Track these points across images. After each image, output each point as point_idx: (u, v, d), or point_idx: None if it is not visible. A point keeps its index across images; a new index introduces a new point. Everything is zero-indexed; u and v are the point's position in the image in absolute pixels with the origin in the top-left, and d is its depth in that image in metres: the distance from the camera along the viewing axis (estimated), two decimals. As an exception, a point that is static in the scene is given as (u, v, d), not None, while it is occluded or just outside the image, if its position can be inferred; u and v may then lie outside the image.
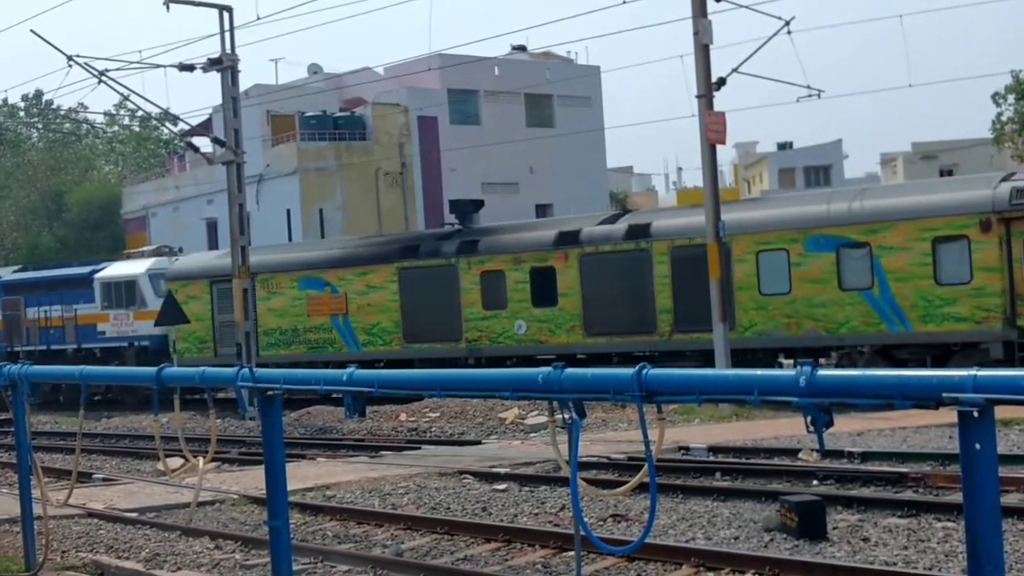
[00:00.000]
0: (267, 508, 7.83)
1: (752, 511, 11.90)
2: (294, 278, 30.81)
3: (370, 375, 6.94)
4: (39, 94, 74.06)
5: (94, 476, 18.49)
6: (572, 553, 9.90)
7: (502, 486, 14.50)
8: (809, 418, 4.98)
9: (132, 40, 67.56)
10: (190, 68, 26.50)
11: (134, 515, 13.53)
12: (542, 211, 49.26)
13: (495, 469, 15.62)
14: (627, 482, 7.37)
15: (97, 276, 35.65)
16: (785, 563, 9.31)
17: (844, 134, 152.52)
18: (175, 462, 16.34)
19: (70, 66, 25.90)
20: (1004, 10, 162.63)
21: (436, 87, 49.70)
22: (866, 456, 15.10)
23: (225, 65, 26.30)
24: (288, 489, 7.89)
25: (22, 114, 77.81)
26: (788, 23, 23.20)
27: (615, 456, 16.10)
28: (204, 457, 11.05)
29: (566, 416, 6.11)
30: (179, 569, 10.70)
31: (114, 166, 77.73)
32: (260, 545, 10.93)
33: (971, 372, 4.42)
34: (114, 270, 35.87)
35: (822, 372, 4.90)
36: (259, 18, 49.19)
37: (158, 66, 27.31)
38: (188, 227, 51.58)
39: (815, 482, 13.52)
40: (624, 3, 24.10)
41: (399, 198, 49.51)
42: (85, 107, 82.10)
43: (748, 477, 14.28)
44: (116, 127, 76.64)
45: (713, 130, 22.47)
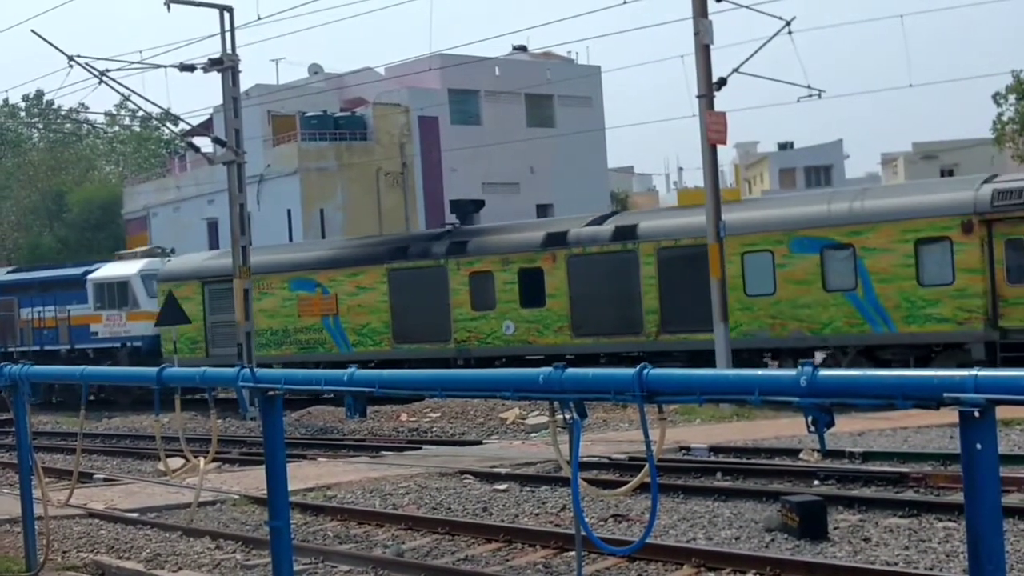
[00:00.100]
0: (268, 508, 7.83)
1: (753, 511, 11.90)
2: (285, 279, 30.85)
3: (371, 375, 6.94)
4: (40, 94, 74.09)
5: (95, 476, 18.49)
6: (573, 553, 9.90)
7: (503, 486, 14.50)
8: (810, 418, 4.98)
9: (133, 40, 67.76)
10: (191, 68, 26.50)
11: (135, 515, 13.52)
12: (543, 211, 49.26)
13: (496, 469, 15.62)
14: (628, 482, 7.37)
15: (90, 277, 35.77)
16: (786, 563, 9.30)
17: (845, 134, 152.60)
18: (176, 462, 16.35)
19: (71, 66, 25.92)
20: (1005, 10, 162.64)
21: (437, 87, 49.71)
22: (867, 456, 15.09)
23: (226, 65, 26.30)
24: (289, 489, 7.89)
25: (23, 114, 77.82)
26: (789, 23, 23.21)
27: (616, 456, 16.09)
28: (205, 457, 11.06)
29: (567, 416, 6.11)
30: (180, 569, 10.70)
31: (115, 166, 77.75)
32: (261, 545, 10.93)
33: (972, 372, 4.42)
34: (107, 271, 36.00)
35: (823, 372, 4.89)
36: (260, 18, 49.25)
37: (159, 66, 27.35)
38: (189, 227, 51.59)
39: (816, 482, 13.51)
40: (625, 3, 24.13)
41: (400, 198, 49.51)
42: (86, 107, 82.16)
43: (749, 477, 14.28)
44: (117, 127, 76.66)
45: (714, 130, 22.47)
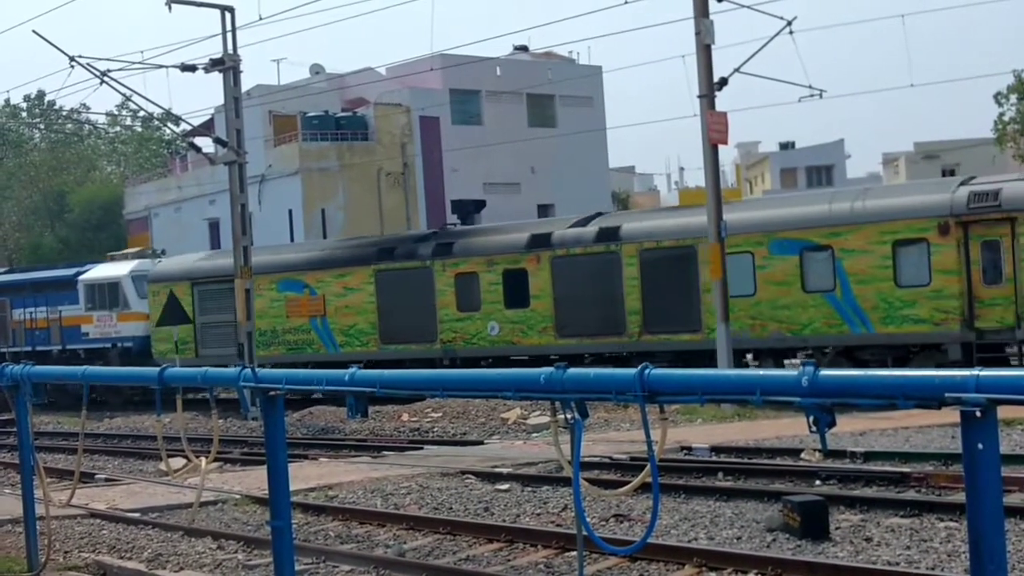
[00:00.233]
0: (269, 508, 7.83)
1: (755, 511, 11.90)
2: (273, 280, 30.92)
3: (372, 375, 6.93)
4: (41, 95, 74.08)
5: (96, 476, 18.51)
6: (575, 553, 9.90)
7: (504, 486, 14.50)
8: (811, 418, 4.98)
9: (134, 41, 67.76)
10: (192, 68, 26.50)
11: (136, 515, 13.53)
12: (544, 211, 49.26)
13: (497, 469, 15.62)
14: (629, 482, 7.38)
15: (81, 278, 35.94)
16: (788, 563, 9.30)
17: (846, 134, 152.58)
18: (177, 462, 16.37)
19: (72, 67, 25.92)
20: (1006, 10, 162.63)
21: (438, 87, 49.71)
22: (868, 456, 15.10)
23: (227, 65, 26.30)
24: (290, 489, 7.89)
25: (24, 115, 77.80)
26: (790, 23, 23.21)
27: (617, 456, 16.09)
28: (206, 457, 11.07)
29: (568, 416, 6.11)
30: (181, 569, 10.71)
31: (116, 166, 77.74)
32: (262, 545, 10.94)
33: (974, 372, 4.42)
34: (97, 272, 36.17)
35: (824, 372, 4.89)
36: (261, 18, 49.30)
37: (160, 66, 27.35)
38: (190, 227, 51.61)
39: (817, 482, 13.52)
40: (626, 3, 24.12)
41: (401, 198, 49.51)
42: (87, 107, 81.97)
43: (750, 477, 14.28)
44: (118, 127, 76.67)
45: (715, 130, 22.47)
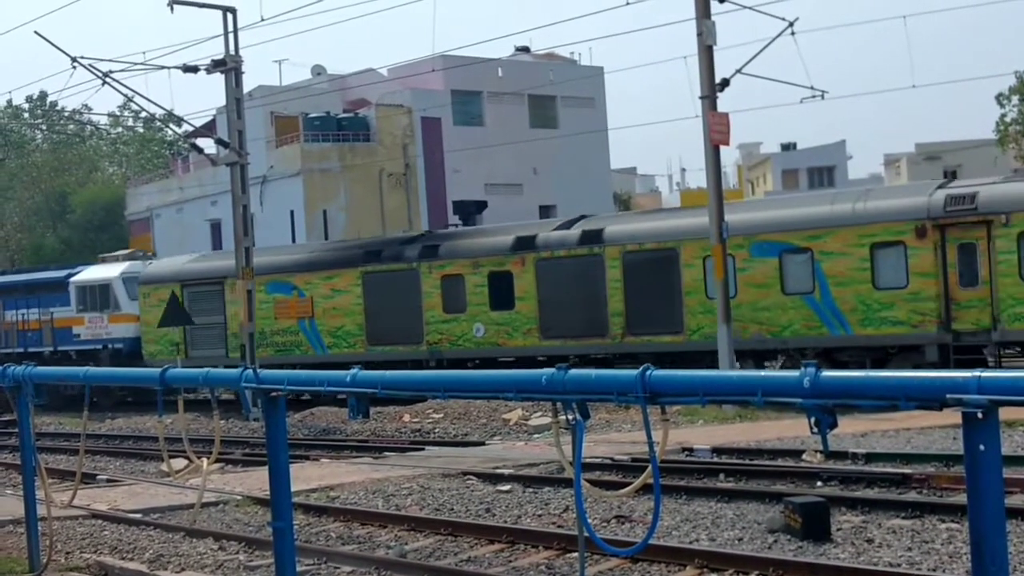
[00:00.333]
0: (271, 509, 7.83)
1: (756, 512, 11.89)
2: (262, 282, 30.97)
3: (374, 376, 6.93)
4: (43, 95, 74.10)
5: (98, 477, 18.51)
6: (576, 554, 9.90)
7: (506, 487, 14.50)
8: (813, 419, 4.98)
9: (136, 41, 67.78)
10: (194, 69, 26.50)
11: (138, 516, 13.54)
12: (546, 212, 49.25)
13: (499, 470, 15.62)
14: (631, 483, 7.38)
15: (72, 280, 36.07)
16: (789, 564, 9.30)
17: (848, 135, 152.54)
18: (179, 463, 16.37)
19: (74, 67, 25.90)
20: (1008, 11, 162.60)
21: (440, 88, 49.71)
22: (870, 457, 15.09)
23: (229, 66, 26.30)
24: (292, 490, 7.89)
25: (26, 115, 77.84)
26: (791, 24, 23.18)
27: (619, 457, 16.09)
28: (208, 458, 11.07)
29: (570, 417, 6.11)
30: (183, 570, 10.71)
31: (118, 167, 77.74)
32: (264, 546, 10.94)
33: (975, 373, 4.42)
34: (89, 274, 36.31)
35: (826, 373, 4.89)
36: (263, 19, 49.04)
37: (162, 67, 27.34)
38: (192, 228, 51.61)
39: (819, 483, 13.51)
40: (628, 4, 24.11)
41: (403, 199, 49.52)
42: (89, 108, 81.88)
43: (752, 478, 14.28)
44: (120, 128, 76.67)
45: (717, 131, 22.47)
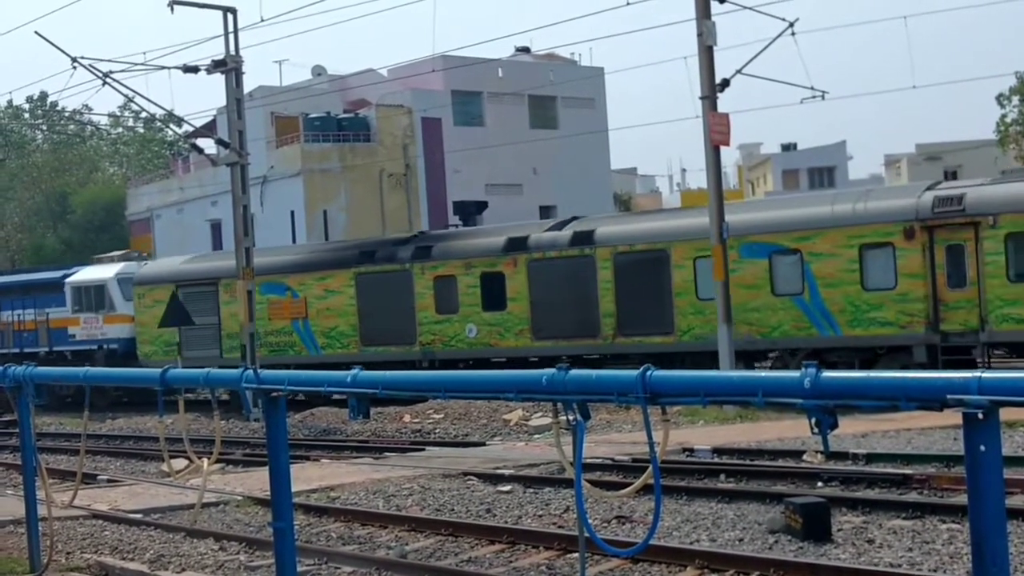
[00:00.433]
0: (271, 509, 7.83)
1: (756, 513, 11.89)
2: (256, 282, 31.04)
3: (374, 376, 6.94)
4: (44, 96, 74.11)
5: (99, 477, 18.51)
6: (576, 555, 9.91)
7: (506, 488, 14.50)
8: (814, 420, 4.98)
9: (136, 42, 67.78)
10: (194, 70, 26.50)
11: (138, 516, 13.54)
12: (546, 212, 49.26)
13: (499, 471, 15.62)
14: (631, 484, 7.38)
15: (68, 280, 36.21)
16: (790, 565, 9.30)
17: (848, 135, 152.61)
18: (179, 463, 16.37)
19: (75, 68, 25.90)
20: (1008, 11, 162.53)
21: (440, 88, 49.71)
22: (871, 458, 15.09)
23: (229, 67, 26.30)
24: (292, 490, 7.89)
25: (27, 116, 77.86)
26: (792, 24, 23.19)
27: (619, 458, 16.09)
28: (208, 458, 11.08)
29: (570, 418, 6.11)
30: (183, 570, 10.72)
31: (118, 168, 77.74)
32: (264, 546, 10.94)
33: (976, 374, 4.43)
34: (84, 275, 36.45)
35: (827, 374, 4.90)
36: (263, 20, 48.99)
37: (162, 68, 27.34)
38: (192, 229, 51.61)
39: (820, 484, 13.51)
40: (628, 4, 24.11)
41: (403, 199, 49.52)
42: (89, 109, 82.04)
43: (752, 479, 14.28)
44: (120, 129, 76.67)
45: (717, 131, 22.47)
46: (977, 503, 4.49)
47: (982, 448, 4.47)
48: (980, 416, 4.43)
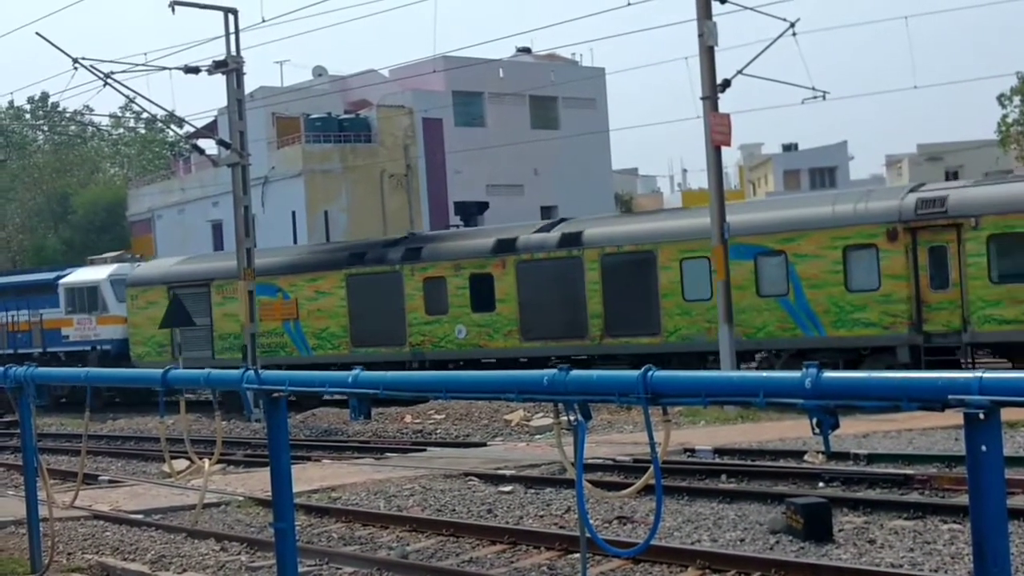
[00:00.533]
0: (273, 510, 7.84)
1: (758, 513, 11.90)
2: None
3: (375, 377, 6.94)
4: (45, 96, 74.17)
5: (100, 478, 18.52)
6: (578, 555, 9.90)
7: (507, 488, 14.50)
8: (815, 420, 4.98)
9: (137, 42, 67.78)
10: (195, 70, 26.51)
11: (140, 517, 13.54)
12: (547, 213, 49.25)
13: (500, 471, 15.62)
14: (633, 484, 7.38)
15: (61, 282, 36.33)
16: (791, 565, 9.30)
17: (849, 136, 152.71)
18: (181, 464, 16.37)
19: (76, 68, 25.91)
20: (1008, 11, 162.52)
21: (441, 89, 49.72)
22: (872, 458, 15.08)
23: (230, 67, 26.31)
24: (294, 491, 7.89)
25: (28, 116, 77.88)
26: (793, 25, 23.19)
27: (620, 458, 16.09)
28: (209, 459, 11.08)
29: (571, 418, 6.11)
30: (184, 571, 10.72)
31: (119, 168, 77.75)
32: (266, 547, 10.94)
33: (977, 374, 4.43)
34: (77, 276, 36.56)
35: (828, 375, 4.89)
36: (264, 20, 49.40)
37: (163, 68, 27.35)
38: (193, 229, 51.62)
39: (821, 484, 13.51)
40: (629, 5, 24.11)
41: (404, 200, 49.53)
42: (91, 109, 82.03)
43: (754, 479, 14.28)
44: (121, 129, 76.70)
45: (718, 132, 22.47)
46: (978, 503, 4.49)
47: (983, 448, 4.47)
48: (981, 416, 4.43)
